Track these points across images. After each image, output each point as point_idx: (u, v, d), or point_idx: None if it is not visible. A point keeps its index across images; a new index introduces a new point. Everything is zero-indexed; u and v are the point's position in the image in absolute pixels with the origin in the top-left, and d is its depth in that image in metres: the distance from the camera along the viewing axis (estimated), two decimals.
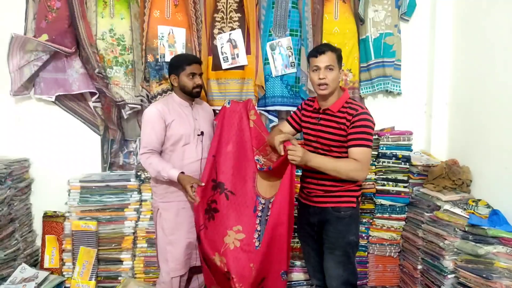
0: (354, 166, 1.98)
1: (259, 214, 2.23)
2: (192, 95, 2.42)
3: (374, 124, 2.07)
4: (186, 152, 2.38)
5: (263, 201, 2.26)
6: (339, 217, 2.10)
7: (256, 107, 3.08)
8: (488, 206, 2.49)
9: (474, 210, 2.45)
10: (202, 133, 2.42)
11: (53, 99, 3.04)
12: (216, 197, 2.26)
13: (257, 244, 2.17)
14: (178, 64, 2.39)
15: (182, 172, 2.27)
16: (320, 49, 2.10)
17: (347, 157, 2.04)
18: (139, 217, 2.97)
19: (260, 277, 2.13)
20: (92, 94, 3.05)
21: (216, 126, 2.38)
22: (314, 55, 2.10)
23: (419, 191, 2.92)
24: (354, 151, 2.00)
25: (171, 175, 2.25)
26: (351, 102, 2.12)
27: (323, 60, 2.06)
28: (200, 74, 2.43)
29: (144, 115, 2.39)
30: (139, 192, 2.97)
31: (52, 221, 3.04)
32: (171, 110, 2.38)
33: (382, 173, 2.98)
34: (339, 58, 2.12)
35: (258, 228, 2.21)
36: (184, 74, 2.37)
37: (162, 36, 3.00)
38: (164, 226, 2.39)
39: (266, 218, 2.18)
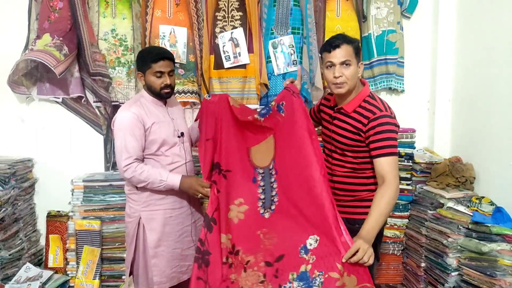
0: (389, 193, 1.74)
1: (261, 184, 2.11)
2: (161, 96, 2.11)
3: (397, 127, 1.83)
4: (171, 157, 2.12)
5: (261, 171, 2.13)
6: (353, 231, 1.73)
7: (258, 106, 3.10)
8: (491, 203, 2.48)
9: (477, 208, 2.45)
10: (182, 134, 2.18)
11: (60, 100, 3.03)
12: (215, 178, 2.08)
13: (261, 211, 2.07)
14: (143, 60, 2.08)
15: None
16: (333, 42, 1.81)
17: (361, 161, 1.88)
18: None
19: (277, 251, 1.90)
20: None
21: (201, 117, 2.17)
22: (327, 50, 1.82)
23: (422, 188, 2.91)
24: (381, 163, 1.77)
25: (173, 180, 2.03)
26: (369, 100, 1.85)
27: (338, 55, 1.79)
28: (170, 72, 2.09)
29: (119, 120, 2.06)
30: None
31: (56, 220, 3.05)
32: (147, 112, 2.08)
33: None
34: (357, 50, 1.84)
35: (262, 197, 2.09)
36: (150, 73, 2.05)
37: (164, 36, 2.99)
38: (149, 239, 2.08)
39: (271, 184, 2.09)
